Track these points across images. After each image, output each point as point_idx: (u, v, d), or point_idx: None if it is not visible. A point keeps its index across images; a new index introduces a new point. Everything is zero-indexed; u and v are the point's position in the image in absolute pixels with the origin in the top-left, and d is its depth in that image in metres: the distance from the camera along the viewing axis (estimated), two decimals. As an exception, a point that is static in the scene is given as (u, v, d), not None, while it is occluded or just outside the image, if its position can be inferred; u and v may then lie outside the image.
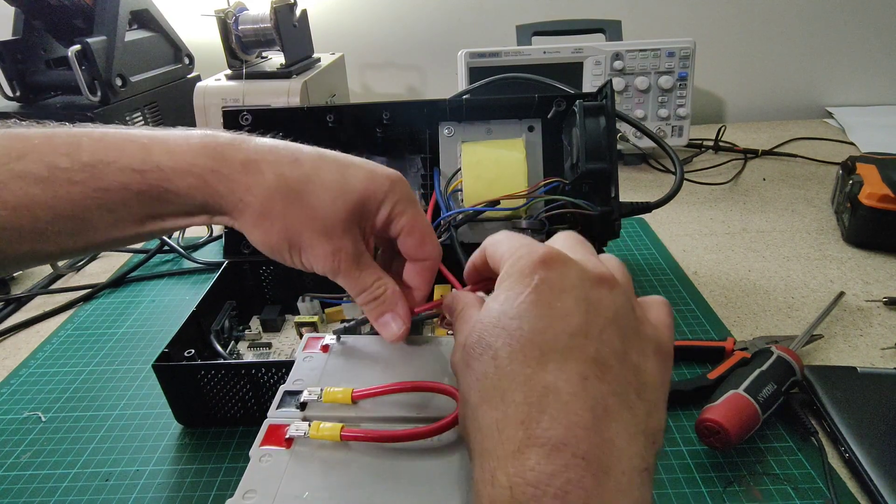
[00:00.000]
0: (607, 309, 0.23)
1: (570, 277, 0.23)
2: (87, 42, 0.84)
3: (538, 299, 0.23)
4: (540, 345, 0.22)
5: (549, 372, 0.21)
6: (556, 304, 0.22)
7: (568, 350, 0.21)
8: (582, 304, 0.23)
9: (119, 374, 0.56)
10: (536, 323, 0.22)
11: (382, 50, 1.20)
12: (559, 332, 0.22)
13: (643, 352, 0.23)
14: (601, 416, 0.20)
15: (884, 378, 0.47)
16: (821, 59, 1.15)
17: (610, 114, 0.52)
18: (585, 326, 0.22)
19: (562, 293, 0.23)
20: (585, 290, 0.23)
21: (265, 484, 0.25)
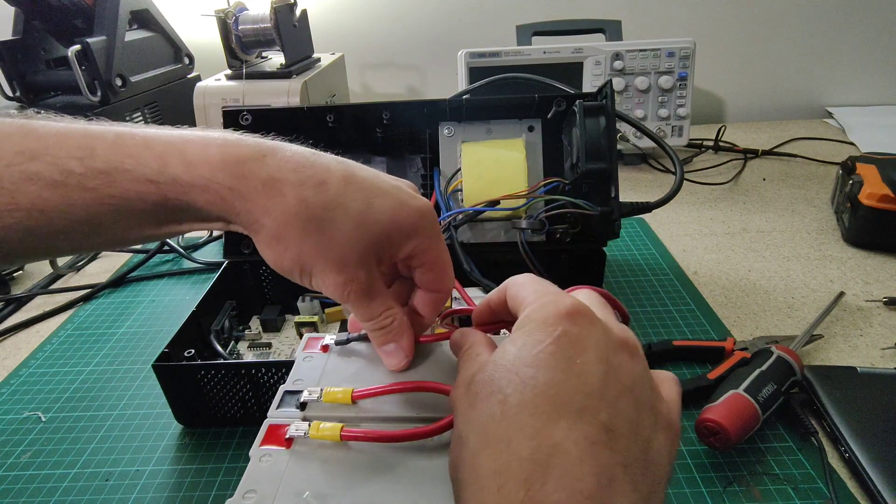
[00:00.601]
0: (626, 376, 0.22)
1: (593, 336, 0.23)
2: (87, 42, 0.84)
3: (558, 352, 0.22)
4: (554, 399, 0.21)
5: (559, 429, 0.20)
6: (576, 360, 0.22)
7: (582, 410, 0.21)
8: (602, 366, 0.22)
9: (119, 374, 0.56)
10: (553, 376, 0.21)
11: (382, 50, 1.20)
12: (575, 390, 0.21)
13: (655, 426, 0.23)
14: (605, 486, 0.20)
15: (884, 378, 0.47)
16: (821, 59, 1.15)
17: (610, 114, 0.52)
18: (602, 389, 0.21)
19: (584, 351, 0.22)
20: (608, 352, 0.22)
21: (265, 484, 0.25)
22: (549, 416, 0.20)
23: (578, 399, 0.21)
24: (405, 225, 0.30)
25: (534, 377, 0.21)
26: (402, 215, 0.30)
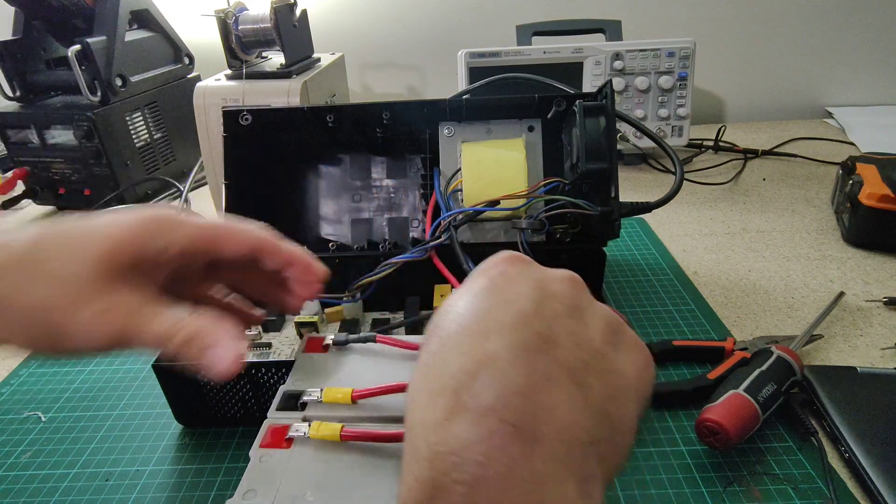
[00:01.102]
0: (567, 298, 0.22)
1: (529, 272, 0.23)
2: (87, 42, 0.84)
3: (492, 286, 0.22)
4: (486, 320, 0.21)
5: (490, 342, 0.20)
6: (509, 289, 0.22)
7: (514, 325, 0.20)
8: (537, 292, 0.22)
9: (119, 374, 0.56)
10: (486, 303, 0.22)
11: (382, 50, 1.20)
12: (507, 310, 0.21)
13: (614, 344, 0.22)
14: (540, 383, 0.19)
15: (884, 378, 0.47)
16: (821, 59, 1.15)
17: (610, 114, 0.52)
18: (538, 308, 0.21)
19: (517, 283, 0.22)
20: (544, 282, 0.22)
21: (265, 484, 0.25)
22: (480, 334, 0.20)
23: (511, 317, 0.21)
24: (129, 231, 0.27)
25: (467, 307, 0.22)
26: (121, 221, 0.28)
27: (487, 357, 0.20)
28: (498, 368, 0.19)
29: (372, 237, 0.61)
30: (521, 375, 0.19)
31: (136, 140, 0.94)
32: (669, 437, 0.44)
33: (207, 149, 0.78)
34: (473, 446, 0.18)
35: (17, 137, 0.91)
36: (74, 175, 0.91)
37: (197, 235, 0.30)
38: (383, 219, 0.62)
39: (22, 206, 0.97)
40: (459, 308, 0.22)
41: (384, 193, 0.63)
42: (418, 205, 0.62)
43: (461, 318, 0.21)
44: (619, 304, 0.61)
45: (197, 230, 0.30)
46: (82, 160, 0.90)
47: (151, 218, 0.28)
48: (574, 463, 0.18)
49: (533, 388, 0.19)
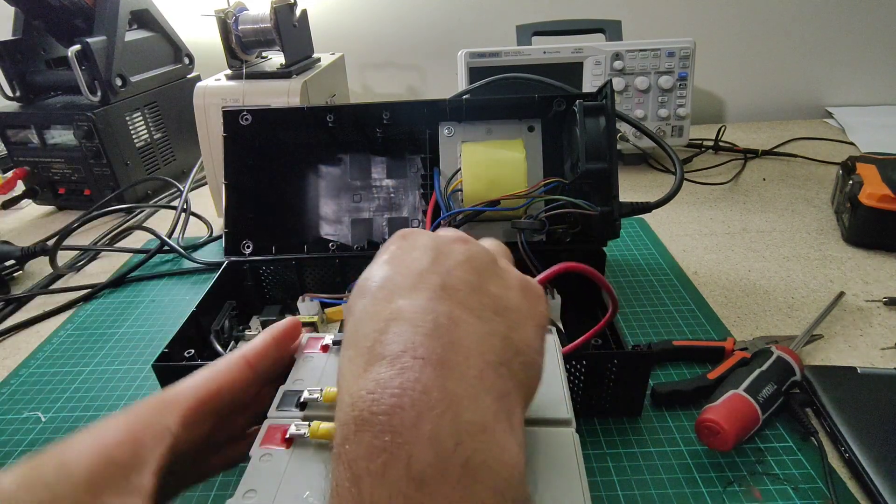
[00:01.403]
0: (458, 254, 0.24)
1: (423, 239, 0.25)
2: (87, 42, 0.84)
3: (391, 258, 0.25)
4: (390, 286, 0.23)
5: (395, 302, 0.22)
6: (406, 256, 0.24)
7: (414, 284, 0.23)
8: (431, 253, 0.24)
9: (119, 374, 0.56)
10: (388, 271, 0.24)
11: (382, 50, 1.20)
12: (407, 273, 0.23)
13: (506, 286, 0.24)
14: (445, 324, 0.21)
15: (884, 378, 0.47)
16: (821, 59, 1.15)
17: (610, 114, 0.52)
18: (433, 265, 0.23)
19: (413, 249, 0.25)
20: (437, 244, 0.25)
21: (265, 484, 0.25)
22: (385, 298, 0.22)
23: (411, 278, 0.23)
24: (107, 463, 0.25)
25: (371, 278, 0.24)
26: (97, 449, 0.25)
27: (394, 314, 0.21)
28: (405, 319, 0.21)
29: (372, 237, 0.61)
30: (426, 321, 0.21)
31: (136, 140, 0.94)
32: (669, 437, 0.44)
33: (207, 149, 0.78)
34: (388, 382, 0.19)
35: (17, 137, 0.91)
36: (74, 175, 0.91)
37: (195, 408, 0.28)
38: (383, 219, 0.62)
39: (22, 206, 0.97)
40: (366, 284, 0.24)
41: (384, 193, 0.63)
42: (418, 205, 0.62)
43: (369, 292, 0.23)
44: (619, 304, 0.61)
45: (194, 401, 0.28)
46: (82, 160, 0.90)
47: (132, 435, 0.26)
48: (487, 381, 0.20)
49: (438, 328, 0.21)
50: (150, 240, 0.81)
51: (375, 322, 0.22)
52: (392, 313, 0.21)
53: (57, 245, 0.73)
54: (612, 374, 0.44)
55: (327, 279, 0.59)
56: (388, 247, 0.26)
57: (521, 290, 0.25)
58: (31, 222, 0.93)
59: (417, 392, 0.19)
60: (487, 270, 0.25)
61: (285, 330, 0.33)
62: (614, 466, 0.42)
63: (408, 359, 0.20)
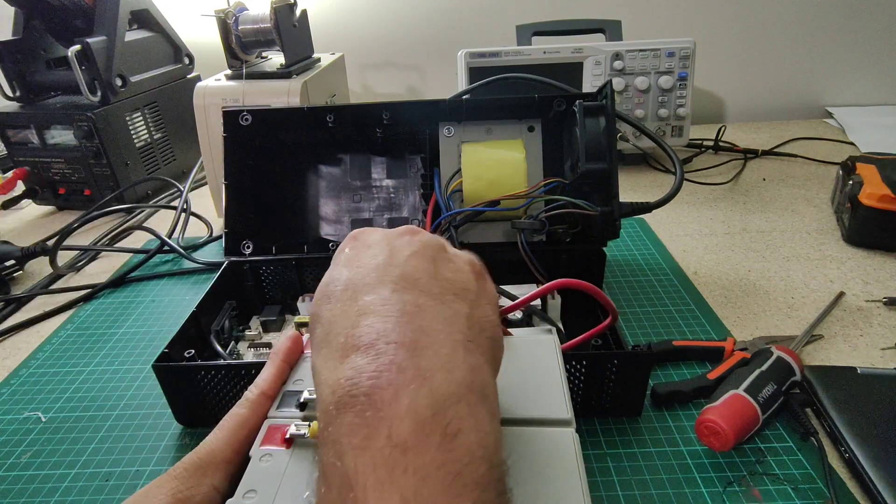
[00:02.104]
0: (410, 245, 0.26)
1: (374, 236, 0.27)
2: (87, 42, 0.84)
3: (349, 259, 0.26)
4: (353, 286, 0.24)
5: (361, 298, 0.23)
6: (362, 255, 0.26)
7: (376, 280, 0.24)
8: (385, 248, 0.26)
9: (119, 374, 0.56)
10: (349, 271, 0.25)
11: (382, 50, 1.20)
12: (367, 271, 0.24)
13: (458, 270, 0.26)
14: (413, 311, 0.22)
15: (884, 378, 0.47)
16: (821, 59, 1.15)
17: (610, 114, 0.52)
18: (390, 259, 0.25)
19: (367, 248, 0.26)
20: (389, 239, 0.26)
21: (265, 484, 0.25)
22: (351, 298, 0.23)
23: (372, 276, 0.24)
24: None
25: (336, 279, 0.25)
26: None
27: (361, 310, 0.22)
28: (373, 312, 0.22)
29: (372, 237, 0.61)
30: (394, 310, 0.22)
31: (136, 140, 0.94)
32: (669, 437, 0.44)
33: (207, 149, 0.78)
34: (365, 367, 0.20)
35: (17, 137, 0.91)
36: (74, 175, 0.91)
37: (234, 460, 0.28)
38: (383, 219, 0.62)
39: (22, 206, 0.97)
40: (328, 289, 0.25)
41: (384, 193, 0.63)
42: (418, 205, 0.62)
43: (333, 296, 0.24)
44: (620, 304, 0.61)
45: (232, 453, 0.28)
46: (82, 160, 0.90)
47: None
48: (458, 358, 0.21)
49: (406, 315, 0.22)
50: (150, 240, 0.81)
51: (346, 320, 0.23)
52: (360, 309, 0.22)
53: (57, 245, 0.73)
54: (612, 375, 0.44)
55: (327, 279, 0.59)
56: (342, 249, 0.27)
57: (472, 272, 0.27)
58: (31, 222, 0.93)
59: (393, 372, 0.20)
60: (439, 256, 0.26)
61: (291, 347, 0.33)
62: (614, 466, 0.42)
63: (381, 345, 0.21)
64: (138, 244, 0.82)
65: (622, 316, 0.59)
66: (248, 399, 0.30)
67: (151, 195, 0.96)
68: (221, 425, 0.29)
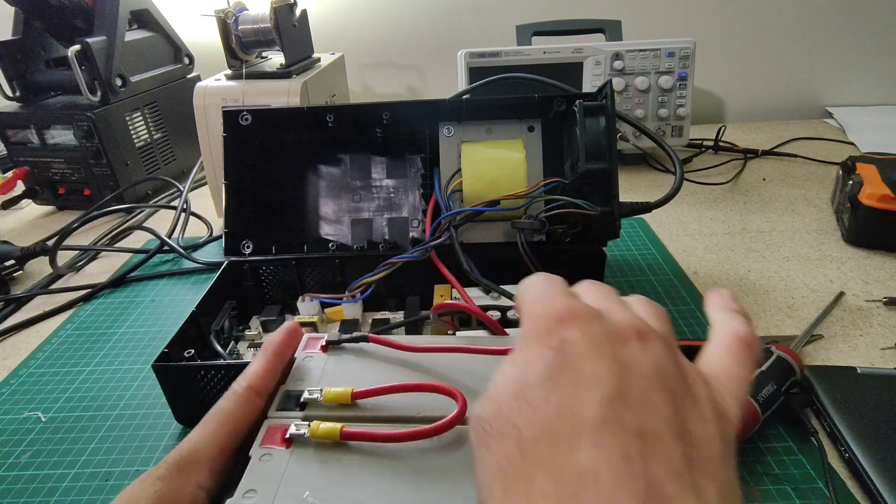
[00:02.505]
0: (645, 367, 0.19)
1: (594, 335, 0.20)
2: (87, 42, 0.84)
3: (562, 364, 0.19)
4: (569, 419, 0.18)
5: (582, 453, 0.17)
6: (582, 367, 0.19)
7: (603, 423, 0.17)
8: (614, 365, 0.19)
9: (119, 374, 0.56)
10: (563, 393, 0.18)
11: (382, 50, 1.20)
12: (590, 401, 0.18)
13: (702, 417, 0.19)
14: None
15: (884, 378, 0.47)
16: (821, 59, 1.15)
17: (610, 114, 0.52)
18: (622, 392, 0.18)
19: (588, 355, 0.19)
20: (615, 347, 0.20)
21: (265, 484, 0.25)
22: (568, 440, 0.17)
23: (595, 410, 0.18)
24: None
25: (545, 400, 0.18)
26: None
27: (583, 476, 0.17)
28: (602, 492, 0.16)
29: (372, 237, 0.61)
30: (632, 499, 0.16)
31: (136, 140, 0.94)
32: (669, 437, 0.44)
33: (207, 149, 0.78)
34: None
35: (17, 137, 0.91)
36: (74, 175, 0.91)
37: (219, 457, 0.27)
38: (383, 219, 0.62)
39: (22, 206, 0.97)
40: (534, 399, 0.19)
41: (384, 193, 0.63)
42: (418, 205, 0.62)
43: (540, 416, 0.18)
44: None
45: (216, 450, 0.27)
46: (82, 160, 0.90)
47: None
48: None
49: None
50: (150, 240, 0.81)
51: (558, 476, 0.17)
52: (581, 472, 0.17)
53: (57, 245, 0.73)
54: (612, 374, 0.44)
55: (327, 279, 0.59)
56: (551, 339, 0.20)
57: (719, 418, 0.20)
58: (31, 222, 0.93)
59: None
60: (680, 389, 0.19)
61: (284, 340, 0.32)
62: (614, 466, 0.42)
63: None
64: (138, 244, 0.82)
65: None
66: (234, 392, 0.29)
67: (151, 195, 0.96)
68: (205, 421, 0.28)
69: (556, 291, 0.22)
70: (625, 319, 0.21)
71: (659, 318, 0.23)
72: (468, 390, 0.28)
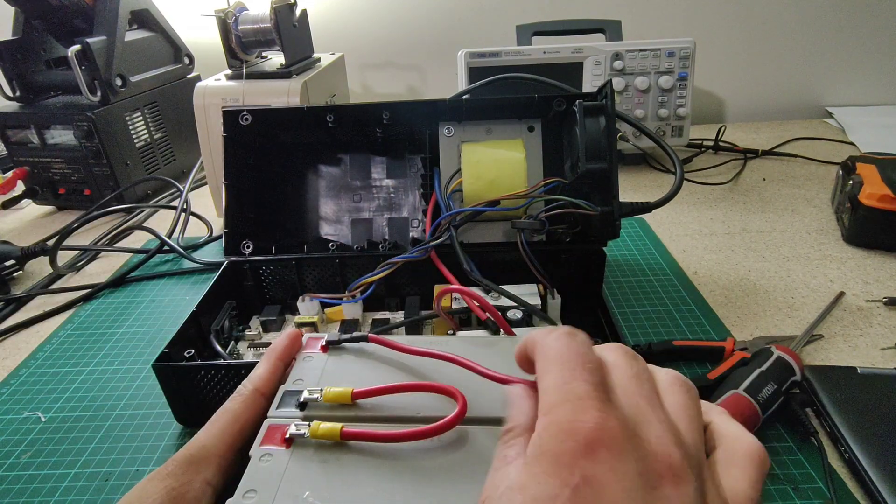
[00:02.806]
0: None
1: (626, 477, 0.17)
2: (87, 42, 0.84)
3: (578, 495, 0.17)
4: None
5: None
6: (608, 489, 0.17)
7: None
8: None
9: (119, 374, 0.56)
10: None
11: (382, 50, 1.20)
12: None
13: None
14: None
15: (884, 378, 0.47)
16: (821, 59, 1.15)
17: (610, 114, 0.52)
18: None
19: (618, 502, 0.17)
20: (643, 494, 0.17)
21: (265, 484, 0.25)
22: None
23: None
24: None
25: None
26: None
27: None
28: None
29: (372, 237, 0.61)
30: None
31: (136, 140, 0.94)
32: (669, 437, 0.44)
33: (207, 149, 0.78)
34: None
35: (17, 137, 0.91)
36: (74, 175, 0.91)
37: (227, 455, 0.28)
38: (383, 219, 0.62)
39: (22, 205, 0.97)
40: None
41: (384, 193, 0.63)
42: (418, 205, 0.62)
43: None
44: (620, 304, 0.61)
45: (224, 447, 0.28)
46: (82, 160, 0.90)
47: (175, 501, 0.26)
48: None
49: None
50: (150, 240, 0.81)
51: None
52: None
53: (57, 245, 0.73)
54: (612, 374, 0.44)
55: (327, 279, 0.59)
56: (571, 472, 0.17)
57: None
58: (31, 222, 0.93)
59: None
60: None
61: (286, 347, 0.33)
62: (614, 466, 0.42)
63: None
64: (138, 244, 0.82)
65: (622, 316, 0.59)
66: (241, 394, 0.30)
67: (151, 195, 0.96)
68: (213, 420, 0.29)
69: (584, 388, 0.19)
70: (661, 446, 0.19)
71: (693, 420, 0.21)
72: (468, 390, 0.28)
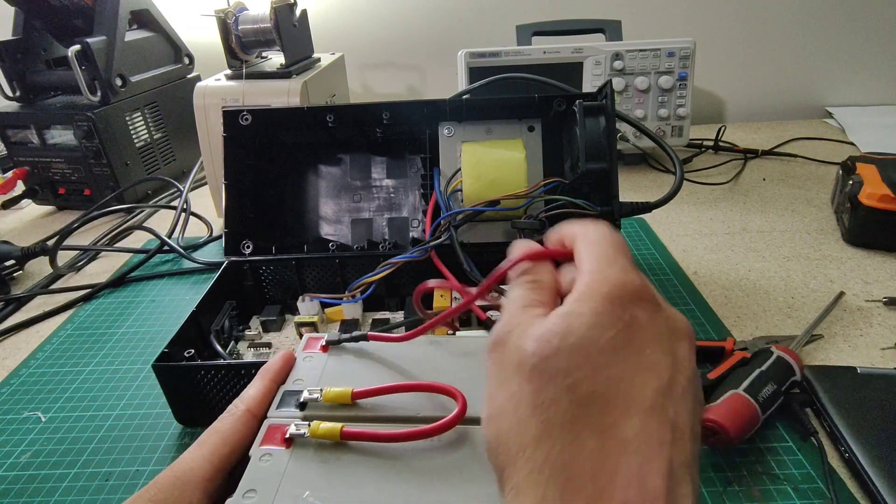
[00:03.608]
0: (689, 369, 0.22)
1: (660, 325, 0.22)
2: (87, 42, 0.84)
3: (630, 342, 0.21)
4: (626, 394, 0.20)
5: (630, 426, 0.20)
6: (646, 351, 0.21)
7: (652, 408, 0.20)
8: (669, 359, 0.21)
9: (119, 374, 0.56)
10: (625, 369, 0.20)
11: (382, 50, 1.20)
12: (646, 385, 0.20)
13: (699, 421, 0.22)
14: (673, 487, 0.19)
15: (884, 378, 0.47)
16: (821, 59, 1.15)
17: (610, 114, 0.52)
18: (670, 385, 0.21)
19: (651, 344, 0.21)
20: (672, 342, 0.22)
21: (265, 484, 0.25)
22: (621, 411, 0.20)
23: (649, 395, 0.20)
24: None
25: (607, 366, 0.20)
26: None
27: (626, 445, 0.19)
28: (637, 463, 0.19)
29: (372, 237, 0.61)
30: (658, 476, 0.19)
31: (136, 140, 0.95)
32: (669, 437, 0.44)
33: (207, 149, 0.78)
34: None
35: (17, 137, 0.91)
36: (74, 175, 0.91)
37: (214, 478, 0.28)
38: (383, 219, 0.62)
39: (22, 205, 0.97)
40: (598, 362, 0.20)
41: (384, 193, 0.63)
42: (418, 205, 0.62)
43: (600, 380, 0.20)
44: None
45: (212, 470, 0.28)
46: (82, 160, 0.90)
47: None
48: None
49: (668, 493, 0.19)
50: (150, 240, 0.81)
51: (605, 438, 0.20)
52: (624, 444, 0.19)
53: (57, 245, 0.73)
54: (612, 374, 0.44)
55: (327, 279, 0.59)
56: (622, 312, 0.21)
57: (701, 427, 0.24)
58: (31, 222, 0.93)
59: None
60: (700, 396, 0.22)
61: (280, 368, 0.33)
62: (614, 466, 0.42)
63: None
64: (138, 244, 0.82)
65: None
66: (231, 414, 0.30)
67: (151, 195, 0.96)
68: (201, 441, 0.29)
69: (627, 263, 0.23)
70: (680, 318, 0.23)
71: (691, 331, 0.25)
72: (468, 390, 0.28)
